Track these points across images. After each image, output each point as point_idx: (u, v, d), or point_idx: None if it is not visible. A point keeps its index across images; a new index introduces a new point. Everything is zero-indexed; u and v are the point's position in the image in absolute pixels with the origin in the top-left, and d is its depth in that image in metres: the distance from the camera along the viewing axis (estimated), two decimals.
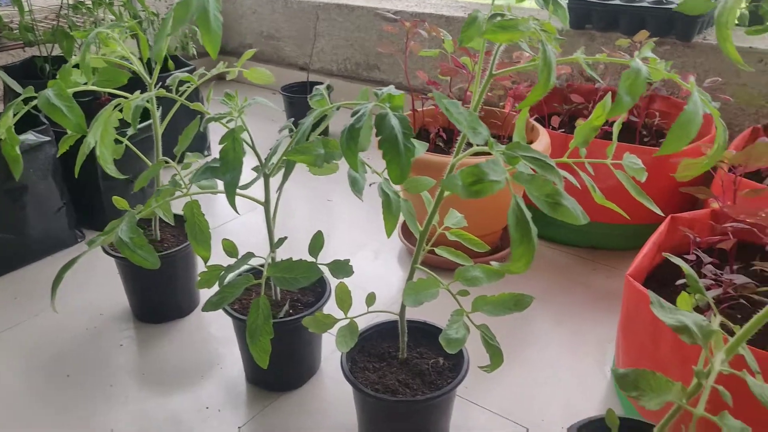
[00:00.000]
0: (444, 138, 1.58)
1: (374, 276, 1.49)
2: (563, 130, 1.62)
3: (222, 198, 1.90)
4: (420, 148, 0.92)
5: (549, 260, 1.55)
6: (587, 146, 0.85)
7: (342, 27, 2.46)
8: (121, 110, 1.02)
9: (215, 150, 2.23)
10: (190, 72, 1.58)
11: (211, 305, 0.94)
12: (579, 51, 0.71)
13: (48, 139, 1.51)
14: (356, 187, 0.78)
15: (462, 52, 1.45)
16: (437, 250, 0.96)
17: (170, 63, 1.91)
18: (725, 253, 1.08)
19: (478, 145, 0.66)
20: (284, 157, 0.74)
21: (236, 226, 1.72)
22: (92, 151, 1.62)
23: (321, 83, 2.33)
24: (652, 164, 1.26)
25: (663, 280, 1.12)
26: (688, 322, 0.57)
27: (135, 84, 1.17)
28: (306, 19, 2.55)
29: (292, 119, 0.96)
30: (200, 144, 2.11)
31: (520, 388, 1.16)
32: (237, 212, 0.85)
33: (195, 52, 2.16)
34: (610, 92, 0.96)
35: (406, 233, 1.64)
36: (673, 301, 0.77)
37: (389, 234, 0.82)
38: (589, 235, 1.57)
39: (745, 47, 1.66)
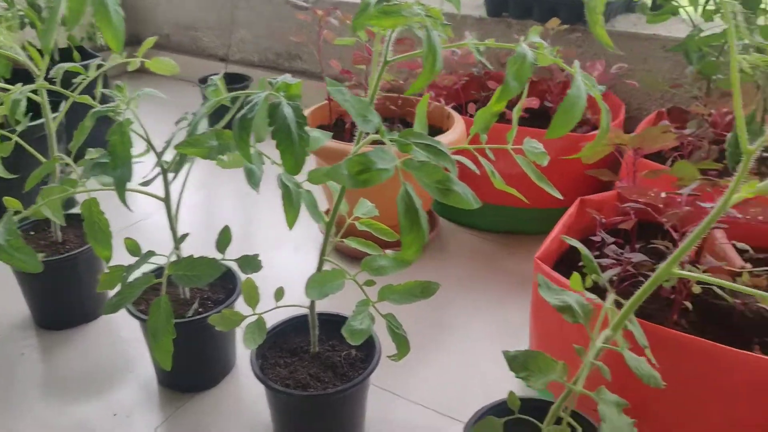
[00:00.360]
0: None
1: (294, 269, 1.47)
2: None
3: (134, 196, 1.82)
4: (323, 138, 0.91)
5: (468, 246, 1.57)
6: (487, 132, 0.86)
7: (262, 16, 2.41)
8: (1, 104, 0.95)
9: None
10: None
11: (111, 307, 0.90)
12: (471, 37, 0.71)
13: None
14: (252, 179, 0.75)
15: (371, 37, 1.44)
16: (346, 241, 0.95)
17: (75, 54, 1.82)
18: (630, 233, 1.11)
19: (368, 134, 0.65)
20: (177, 150, 0.71)
21: (149, 225, 1.65)
22: None
23: (241, 75, 2.27)
24: (566, 148, 1.30)
25: (574, 263, 1.15)
26: (571, 302, 0.58)
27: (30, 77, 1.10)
28: (225, 8, 2.48)
29: (192, 112, 0.92)
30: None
31: (441, 377, 1.17)
32: (129, 209, 0.80)
33: (103, 43, 2.06)
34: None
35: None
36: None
37: (291, 226, 0.80)
38: (506, 220, 1.59)
39: (648, 34, 1.72)
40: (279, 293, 0.94)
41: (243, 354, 1.20)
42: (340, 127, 1.55)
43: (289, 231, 1.69)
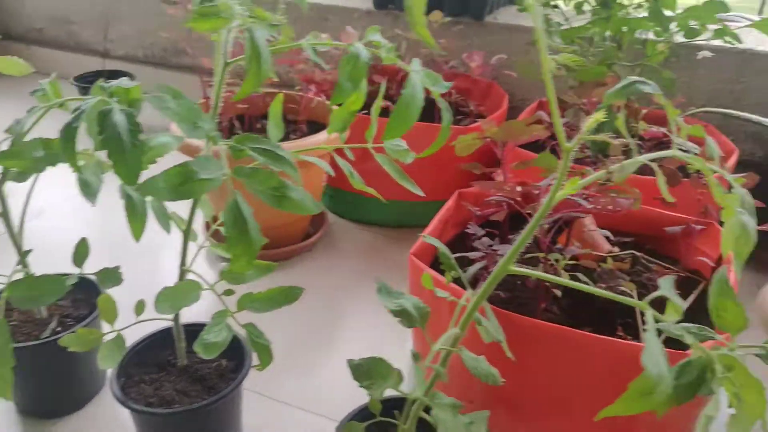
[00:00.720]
0: (239, 125, 1.52)
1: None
2: (365, 111, 1.62)
3: None
4: (173, 142, 0.86)
5: (359, 242, 1.56)
6: (345, 131, 0.84)
7: (146, 9, 2.29)
8: None
9: None
10: None
11: None
12: (310, 36, 0.68)
13: None
14: (88, 190, 0.70)
15: None
16: (211, 247, 0.91)
17: None
18: (503, 225, 1.13)
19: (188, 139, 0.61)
20: None
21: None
22: None
23: (123, 72, 2.15)
24: (450, 140, 1.30)
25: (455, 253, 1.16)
26: (408, 306, 0.57)
27: None
28: (102, 1, 2.34)
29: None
30: None
31: (327, 379, 1.15)
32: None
33: None
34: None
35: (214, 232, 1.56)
36: None
37: (137, 237, 0.75)
38: (398, 214, 1.59)
39: (529, 26, 1.76)
40: (140, 307, 0.89)
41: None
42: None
43: (170, 238, 1.62)
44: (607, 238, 1.11)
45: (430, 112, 1.61)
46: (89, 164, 0.73)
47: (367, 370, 0.58)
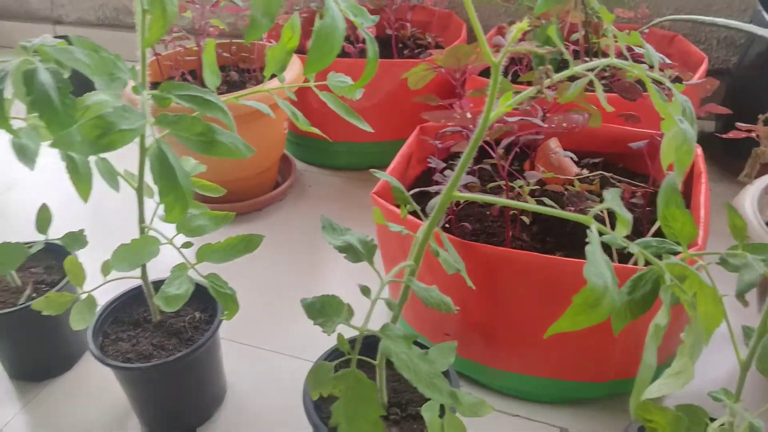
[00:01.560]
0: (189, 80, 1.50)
1: None
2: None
3: None
4: (111, 100, 0.85)
5: (330, 187, 1.57)
6: (283, 71, 0.83)
7: None
8: None
9: None
10: None
11: None
12: None
13: None
14: (25, 154, 0.70)
15: None
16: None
17: None
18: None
19: (104, 93, 0.60)
20: None
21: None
22: None
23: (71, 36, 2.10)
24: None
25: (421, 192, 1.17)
26: (353, 241, 0.59)
27: None
28: None
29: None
30: None
31: (305, 324, 1.17)
32: None
33: None
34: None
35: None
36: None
37: (85, 198, 0.75)
38: (365, 156, 1.59)
39: None
40: (106, 267, 0.90)
41: None
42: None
43: (154, 202, 1.61)
44: (573, 160, 1.11)
45: (387, 49, 1.60)
46: (25, 128, 0.72)
47: (320, 308, 0.60)
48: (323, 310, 0.60)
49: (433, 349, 0.69)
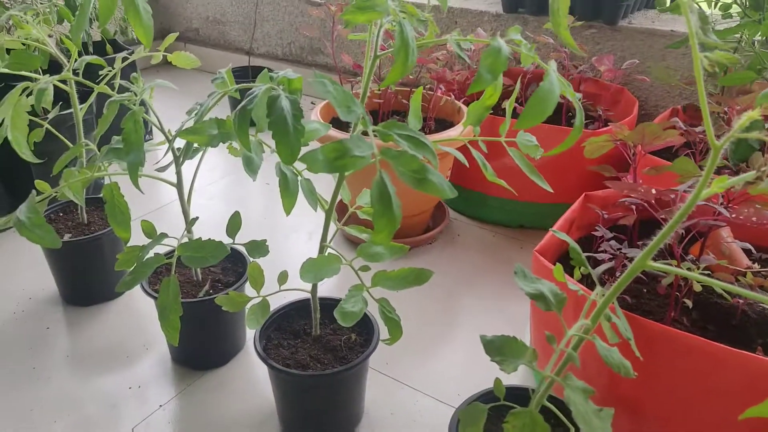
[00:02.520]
0: (373, 117, 1.61)
1: (306, 256, 1.51)
2: (491, 112, 1.65)
3: (156, 183, 1.89)
4: (322, 129, 0.95)
5: (479, 239, 1.60)
6: (479, 124, 0.89)
7: (286, 11, 2.46)
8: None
9: (158, 135, 2.21)
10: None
11: (125, 285, 0.95)
12: (454, 33, 0.74)
13: None
14: (250, 166, 0.80)
15: (387, 36, 1.47)
16: (346, 229, 0.99)
17: (108, 47, 1.90)
18: (631, 229, 1.13)
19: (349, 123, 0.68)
20: (180, 136, 0.76)
21: (168, 211, 1.73)
22: None
23: (264, 68, 2.33)
24: (575, 144, 1.31)
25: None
26: (545, 290, 0.61)
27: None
28: (249, 3, 2.54)
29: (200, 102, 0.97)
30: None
31: (440, 364, 1.20)
32: (141, 191, 0.86)
33: (134, 37, 2.14)
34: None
35: (341, 215, 1.67)
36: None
37: (288, 212, 0.84)
38: (518, 214, 1.61)
39: (666, 30, 1.71)
40: (282, 277, 0.99)
41: (252, 335, 1.25)
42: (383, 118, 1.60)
43: (301, 221, 1.73)
44: (746, 251, 1.06)
45: (557, 116, 1.63)
46: (254, 143, 0.83)
47: (499, 346, 0.62)
48: (502, 349, 0.62)
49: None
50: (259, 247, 1.06)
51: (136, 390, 1.14)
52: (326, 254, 0.89)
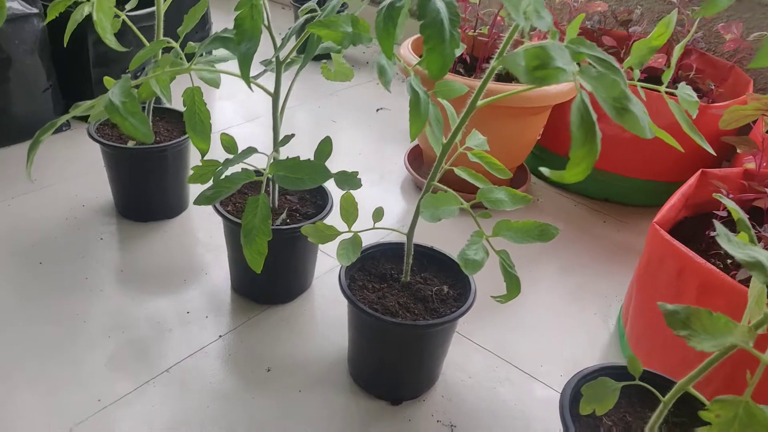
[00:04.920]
0: (467, 62, 1.48)
1: (374, 200, 1.41)
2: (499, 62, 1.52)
3: (220, 104, 1.79)
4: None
5: (559, 207, 1.48)
6: (641, 68, 0.76)
7: None
8: None
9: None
10: None
11: (205, 199, 0.85)
12: None
13: (35, 11, 1.38)
14: (385, 77, 0.69)
15: None
16: (456, 170, 0.88)
17: None
18: (759, 213, 1.01)
19: (539, 32, 0.56)
20: (308, 30, 0.64)
21: (246, 131, 1.63)
22: (82, 35, 1.49)
23: None
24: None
25: (686, 236, 1.05)
26: (762, 259, 0.50)
27: None
28: None
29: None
30: (200, 28, 1.99)
31: (520, 332, 1.10)
32: (251, 88, 0.75)
33: None
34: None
35: (413, 161, 1.55)
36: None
37: (413, 137, 0.73)
38: (606, 186, 1.49)
39: None
40: (378, 213, 0.89)
41: (319, 275, 1.16)
42: (471, 64, 1.47)
43: (368, 164, 1.62)
44: None
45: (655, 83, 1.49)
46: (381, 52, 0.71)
47: (684, 318, 0.52)
48: (688, 321, 0.51)
49: None
50: (349, 179, 0.94)
51: (194, 315, 1.05)
52: (446, 192, 0.78)
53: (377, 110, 1.89)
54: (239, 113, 1.76)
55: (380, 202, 1.40)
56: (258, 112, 1.77)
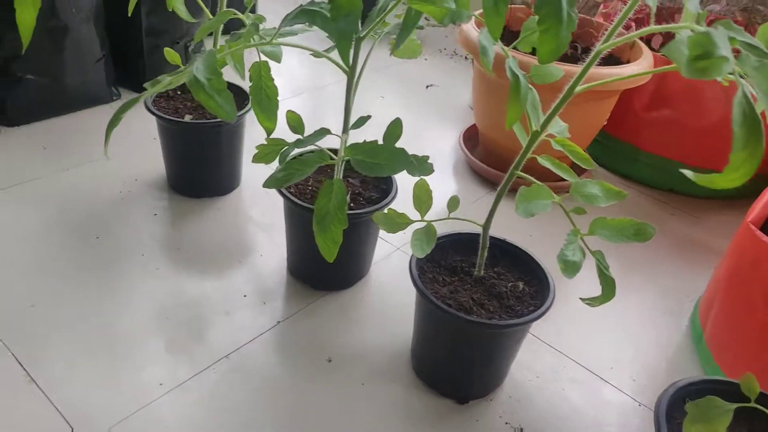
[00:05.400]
0: (502, 37, 1.41)
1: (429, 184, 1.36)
2: (663, 54, 1.43)
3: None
4: None
5: (625, 199, 1.41)
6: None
7: None
8: None
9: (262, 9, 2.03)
10: None
11: (276, 181, 0.81)
12: None
13: None
14: (486, 57, 0.63)
15: None
16: (540, 159, 0.82)
17: None
18: None
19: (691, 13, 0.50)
20: (409, 5, 0.59)
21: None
22: (137, 4, 1.45)
23: None
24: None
25: None
26: None
27: None
28: None
29: None
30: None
31: (587, 329, 1.05)
32: (346, 69, 0.70)
33: None
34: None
35: (467, 141, 1.49)
36: None
37: (509, 126, 0.68)
38: (671, 176, 1.42)
39: None
40: (453, 202, 0.84)
41: (376, 261, 1.12)
42: (510, 38, 1.39)
43: (420, 144, 1.56)
44: None
45: None
46: (483, 31, 0.66)
47: None
48: None
49: None
50: (421, 165, 0.89)
51: (251, 299, 1.02)
52: (540, 186, 0.73)
53: (427, 87, 1.83)
54: (285, 88, 1.71)
55: (434, 185, 1.35)
56: (302, 87, 1.72)
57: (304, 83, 1.73)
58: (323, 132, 0.84)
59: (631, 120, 1.42)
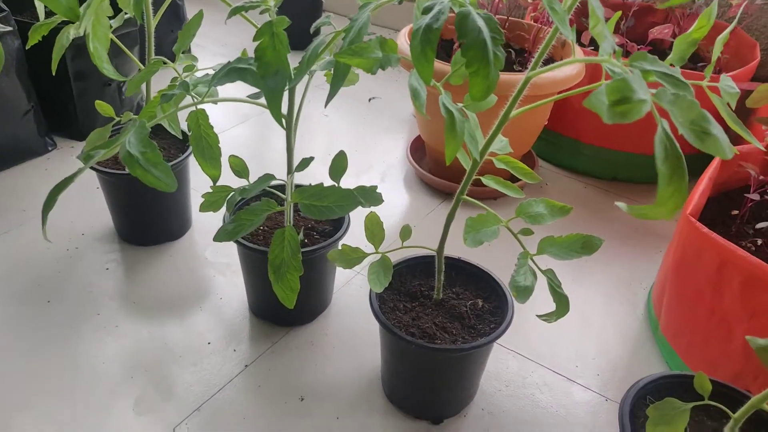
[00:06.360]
0: (449, 46, 1.42)
1: (387, 203, 1.37)
2: (593, 47, 1.48)
3: (209, 108, 1.71)
4: None
5: (568, 191, 1.45)
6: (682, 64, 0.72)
7: None
8: None
9: (195, 52, 2.01)
10: None
11: (227, 235, 0.81)
12: None
13: (9, 29, 1.29)
14: (419, 100, 0.64)
15: None
16: (484, 179, 0.84)
17: None
18: None
19: (605, 54, 0.52)
20: (336, 60, 0.59)
21: (227, 139, 1.56)
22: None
23: None
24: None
25: (712, 218, 1.03)
26: None
27: None
28: None
29: (328, 14, 0.79)
30: (176, 26, 1.88)
31: (551, 331, 1.08)
32: (284, 127, 0.70)
33: None
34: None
35: (414, 153, 1.51)
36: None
37: (449, 159, 0.69)
38: (613, 165, 1.46)
39: None
40: (406, 232, 0.85)
41: (338, 287, 1.12)
42: (447, 49, 1.41)
43: (367, 159, 1.57)
44: None
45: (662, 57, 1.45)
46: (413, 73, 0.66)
47: None
48: None
49: None
50: (369, 194, 0.90)
51: (216, 345, 1.01)
52: (486, 213, 0.74)
53: (369, 100, 1.84)
54: (229, 116, 1.69)
55: (387, 199, 1.36)
56: (248, 114, 1.70)
57: (249, 108, 1.71)
58: (268, 178, 0.84)
59: (570, 115, 1.46)
